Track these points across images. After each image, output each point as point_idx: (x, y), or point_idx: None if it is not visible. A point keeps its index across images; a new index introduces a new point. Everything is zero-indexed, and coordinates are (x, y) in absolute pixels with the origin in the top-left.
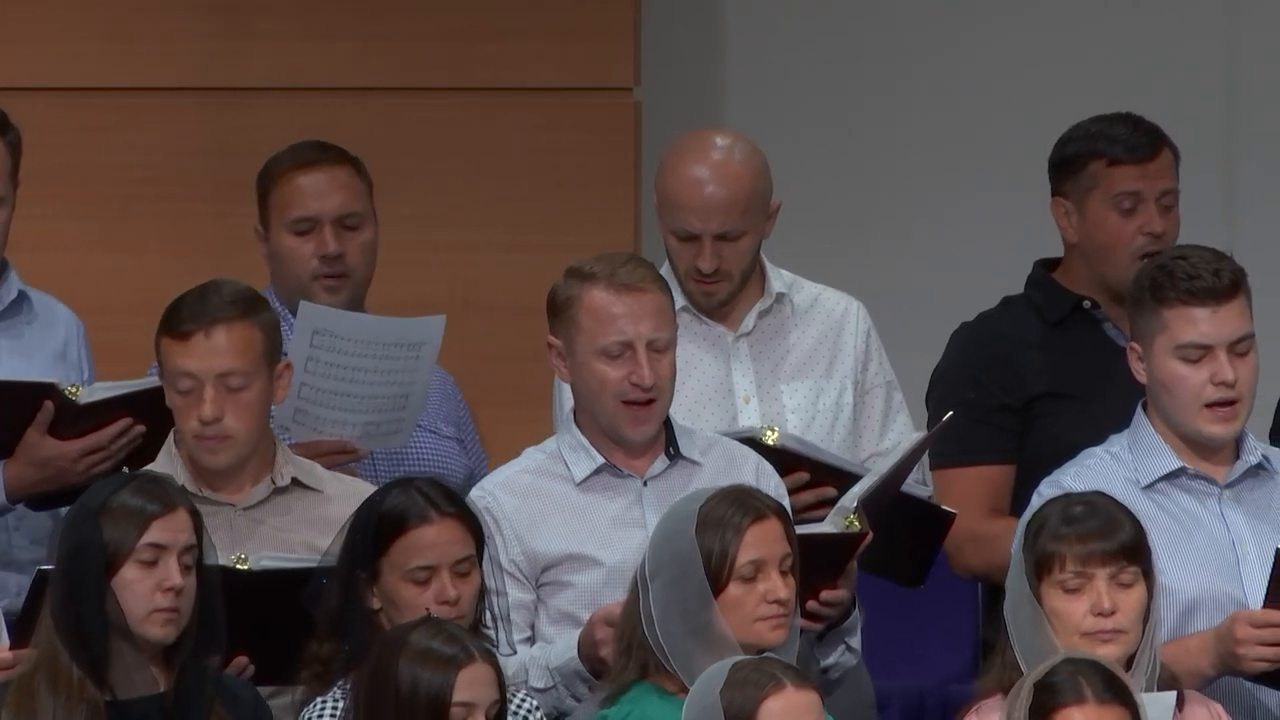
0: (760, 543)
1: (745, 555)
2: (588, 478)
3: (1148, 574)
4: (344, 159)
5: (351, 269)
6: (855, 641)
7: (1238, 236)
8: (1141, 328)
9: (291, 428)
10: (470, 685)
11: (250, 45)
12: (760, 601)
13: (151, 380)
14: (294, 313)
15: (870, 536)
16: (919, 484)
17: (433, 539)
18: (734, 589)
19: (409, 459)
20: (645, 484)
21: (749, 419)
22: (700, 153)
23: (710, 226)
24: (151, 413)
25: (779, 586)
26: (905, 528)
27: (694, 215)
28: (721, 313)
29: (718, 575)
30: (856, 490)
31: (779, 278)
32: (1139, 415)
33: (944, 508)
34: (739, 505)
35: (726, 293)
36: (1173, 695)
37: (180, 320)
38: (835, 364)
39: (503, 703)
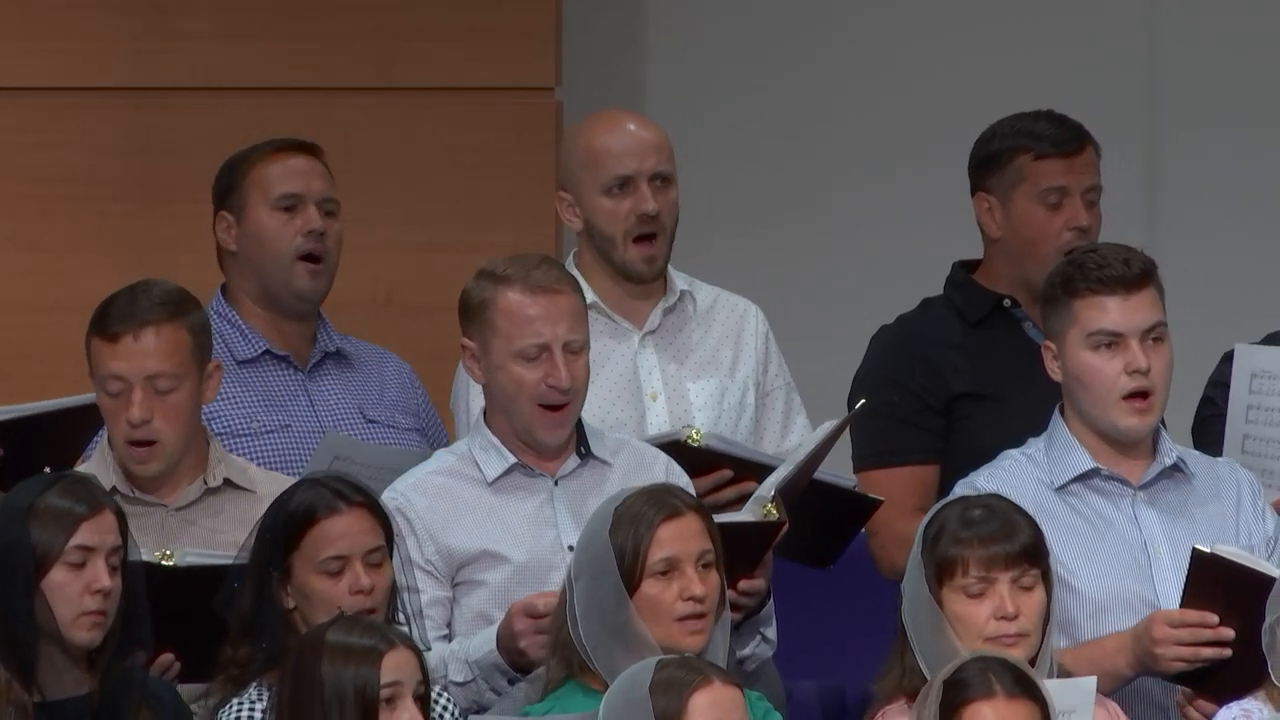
0: (674, 539)
1: (658, 552)
2: (499, 477)
3: (1046, 575)
4: (319, 152)
5: (329, 253)
6: (771, 632)
7: (1158, 234)
8: (1054, 324)
9: None
10: (395, 668)
11: (171, 45)
12: (677, 599)
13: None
14: (258, 303)
15: (787, 525)
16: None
17: (343, 529)
18: (649, 587)
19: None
20: (556, 483)
21: (657, 416)
22: (613, 112)
23: (646, 165)
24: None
25: (694, 583)
26: (821, 514)
27: (629, 156)
28: (627, 308)
29: (631, 573)
30: (773, 479)
31: (680, 277)
32: (1055, 416)
33: (870, 495)
34: (653, 503)
35: (663, 255)
36: (1093, 680)
37: (110, 322)
38: (738, 364)
39: (427, 688)
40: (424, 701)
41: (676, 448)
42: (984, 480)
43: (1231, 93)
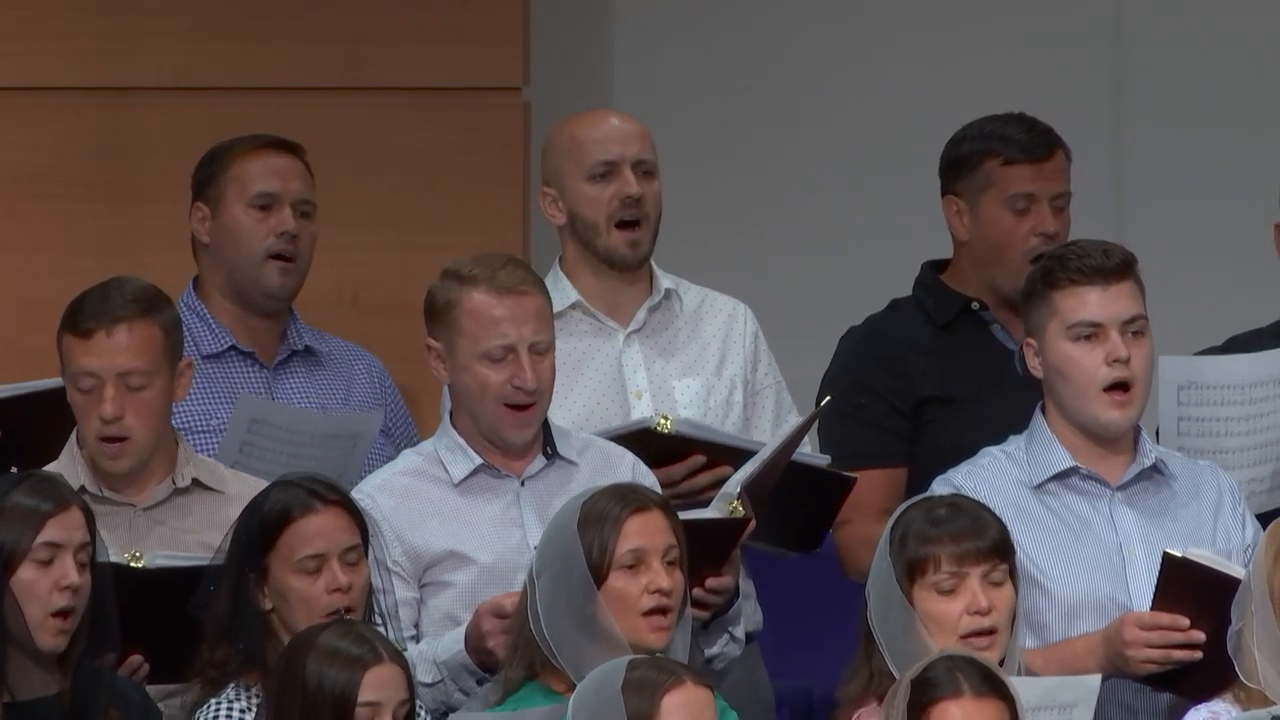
0: (641, 533)
1: (625, 545)
2: (466, 479)
3: (1013, 573)
4: (301, 152)
5: (301, 254)
6: (739, 631)
7: (1125, 235)
8: (1035, 319)
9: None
10: (377, 686)
11: (138, 45)
12: (643, 593)
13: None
14: (227, 297)
15: (754, 523)
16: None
17: (319, 527)
18: (616, 580)
19: None
20: (523, 484)
21: (642, 414)
22: (597, 110)
23: (630, 151)
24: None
25: (661, 576)
26: (799, 498)
27: (612, 142)
28: (612, 306)
29: (599, 566)
30: (738, 477)
31: (665, 276)
32: (1036, 415)
33: (843, 474)
34: (620, 499)
35: (647, 243)
36: (1096, 678)
37: (82, 318)
38: (725, 363)
39: (411, 704)
40: (409, 718)
41: (646, 435)
42: (962, 478)
43: (1199, 94)
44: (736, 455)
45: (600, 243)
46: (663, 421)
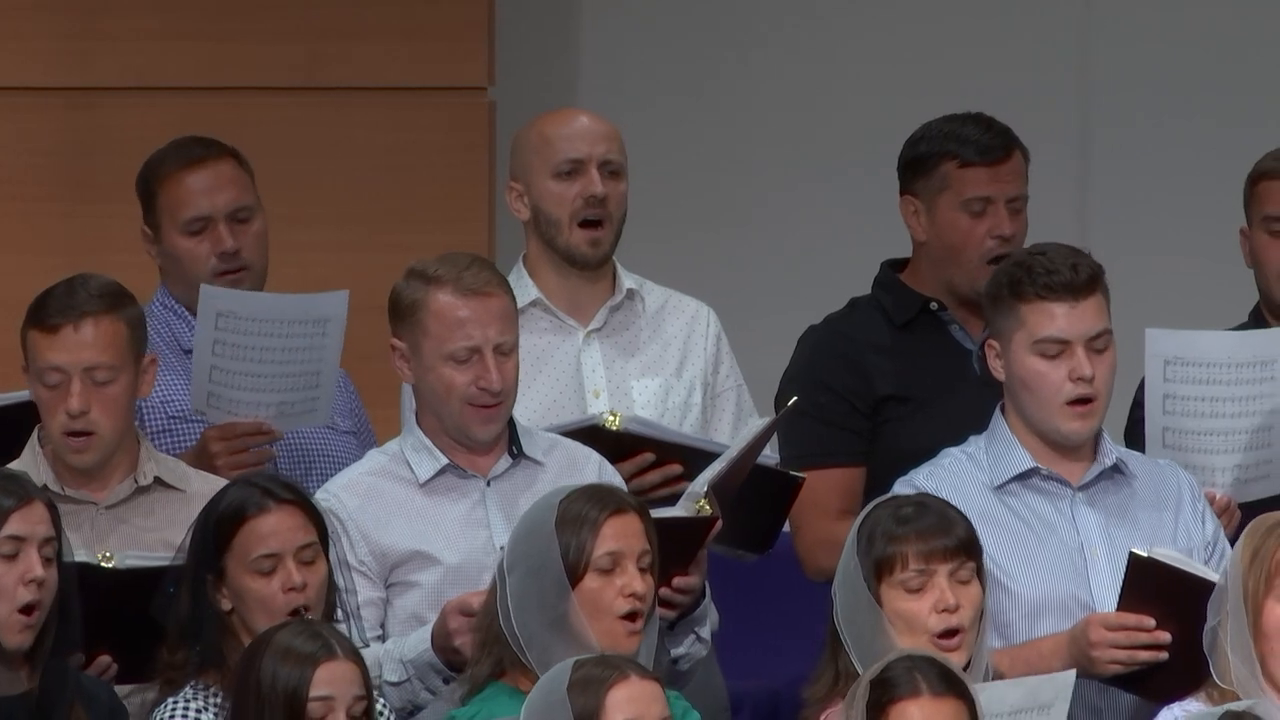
0: (618, 536)
1: (602, 547)
2: (431, 479)
3: (980, 572)
4: (225, 152)
5: (249, 262)
6: (705, 631)
7: (1089, 233)
8: (999, 325)
9: (207, 412)
10: (329, 681)
11: (102, 45)
12: (617, 596)
13: None
14: (191, 310)
15: (721, 522)
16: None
17: (273, 527)
18: (591, 581)
19: (311, 455)
20: (489, 484)
21: (608, 408)
22: (566, 109)
23: (597, 150)
24: None
25: (636, 580)
26: (754, 499)
27: (579, 139)
28: (573, 305)
29: (575, 567)
30: (706, 475)
31: (628, 277)
32: (996, 415)
33: (792, 473)
34: (598, 501)
35: (609, 242)
36: (1071, 674)
37: (48, 313)
38: (686, 365)
39: (369, 702)
40: (367, 715)
41: (594, 432)
42: (923, 478)
43: (1164, 93)
44: (685, 454)
45: (562, 240)
46: (611, 418)
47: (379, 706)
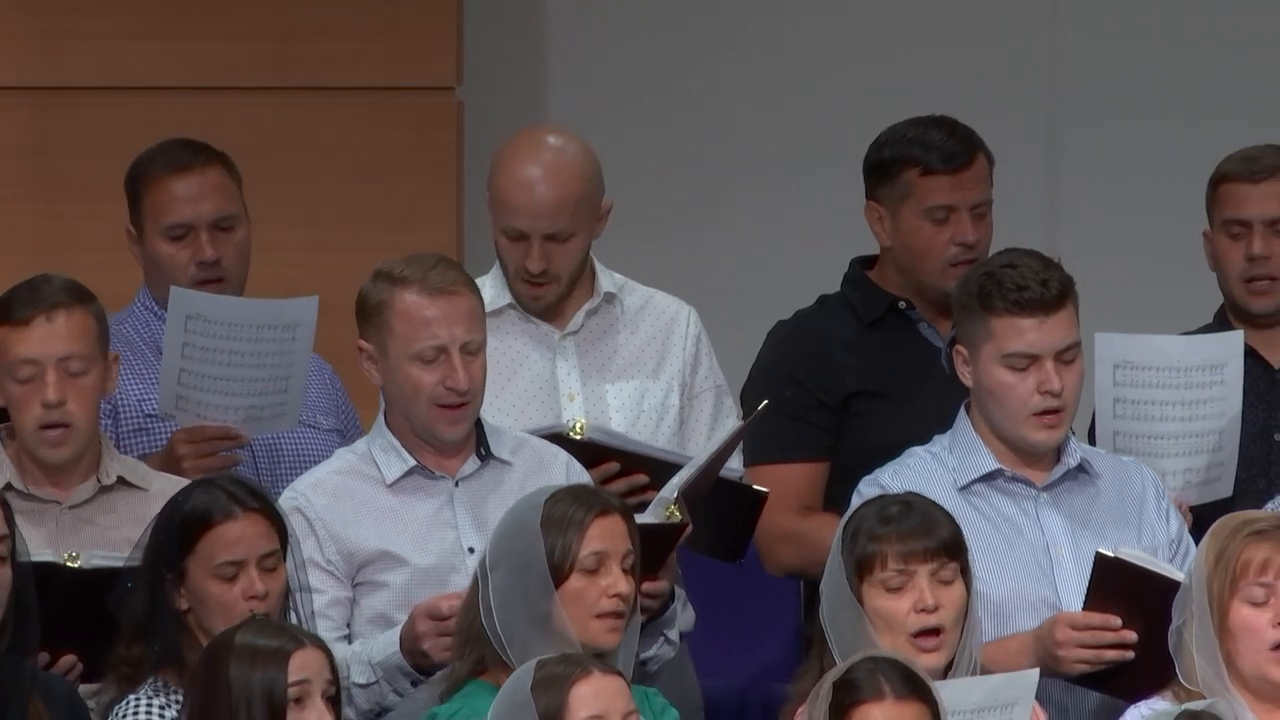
0: (604, 536)
1: (588, 548)
2: (399, 479)
3: (965, 573)
4: (214, 158)
5: (228, 271)
6: (673, 633)
7: (1057, 234)
8: (968, 333)
9: (176, 414)
10: (303, 666)
11: (72, 44)
12: (601, 595)
13: None
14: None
15: (690, 528)
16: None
17: (238, 534)
18: (575, 581)
19: (287, 454)
20: (457, 485)
21: (573, 417)
22: (532, 153)
23: (539, 227)
24: None
25: (620, 581)
26: (722, 508)
27: (523, 215)
28: (550, 312)
29: (560, 567)
30: (676, 481)
31: (610, 279)
32: (961, 415)
33: (755, 487)
34: (584, 501)
35: (554, 295)
36: (1034, 673)
37: (15, 308)
38: (663, 366)
39: (338, 689)
40: (335, 702)
41: (559, 440)
42: (889, 478)
43: (1133, 94)
44: (649, 465)
45: (510, 285)
46: (577, 426)
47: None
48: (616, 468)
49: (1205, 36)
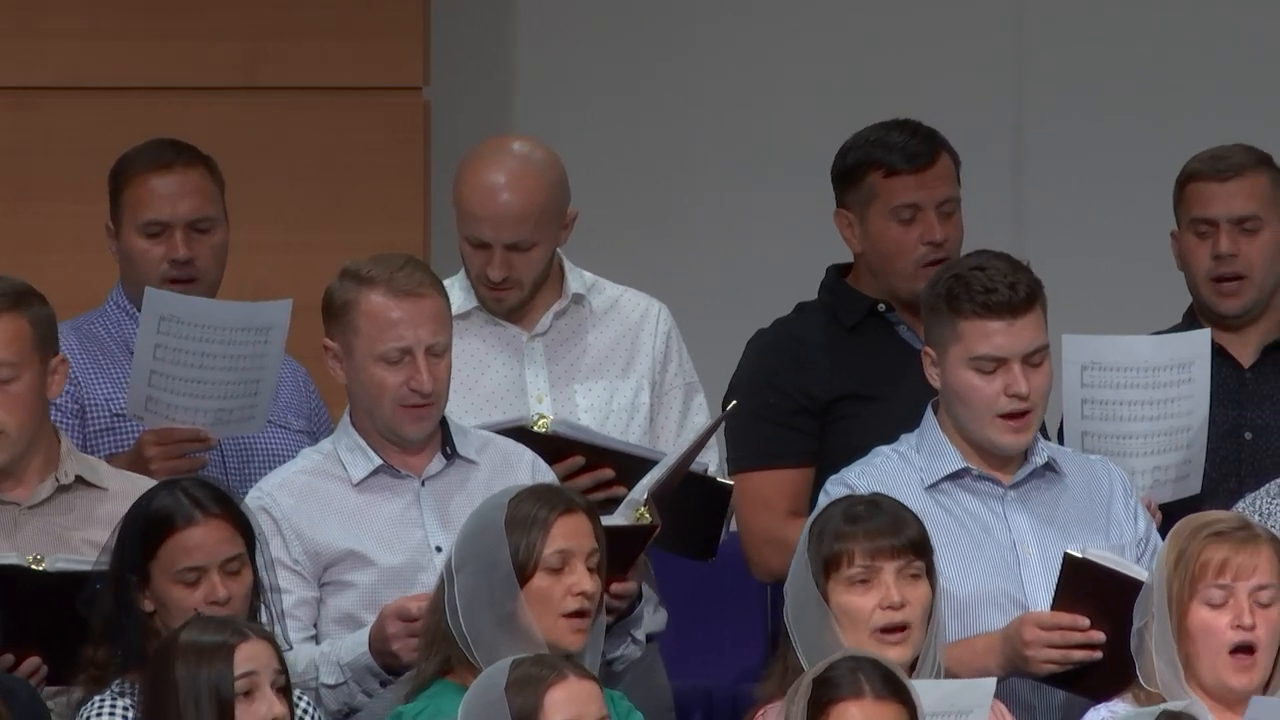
0: (568, 535)
1: (552, 546)
2: (365, 479)
3: (931, 572)
4: (197, 160)
5: (202, 272)
6: (640, 633)
7: (1025, 233)
8: (936, 335)
9: (145, 416)
10: (249, 658)
11: (39, 44)
12: (566, 594)
13: None
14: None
15: (660, 528)
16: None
17: (199, 540)
18: (540, 580)
19: (258, 454)
20: (423, 484)
21: (536, 411)
22: (496, 161)
23: (502, 236)
24: None
25: (585, 579)
26: (692, 505)
27: (486, 224)
28: (517, 314)
29: (524, 566)
30: (646, 482)
31: (579, 279)
32: (928, 415)
33: (720, 480)
34: (548, 500)
35: (516, 300)
36: (992, 682)
37: None
38: (632, 364)
39: (287, 679)
40: (285, 692)
41: (522, 434)
42: (855, 477)
43: (1101, 92)
44: (615, 458)
45: (475, 291)
46: (540, 421)
47: (305, 705)
48: (581, 462)
49: (1172, 37)
